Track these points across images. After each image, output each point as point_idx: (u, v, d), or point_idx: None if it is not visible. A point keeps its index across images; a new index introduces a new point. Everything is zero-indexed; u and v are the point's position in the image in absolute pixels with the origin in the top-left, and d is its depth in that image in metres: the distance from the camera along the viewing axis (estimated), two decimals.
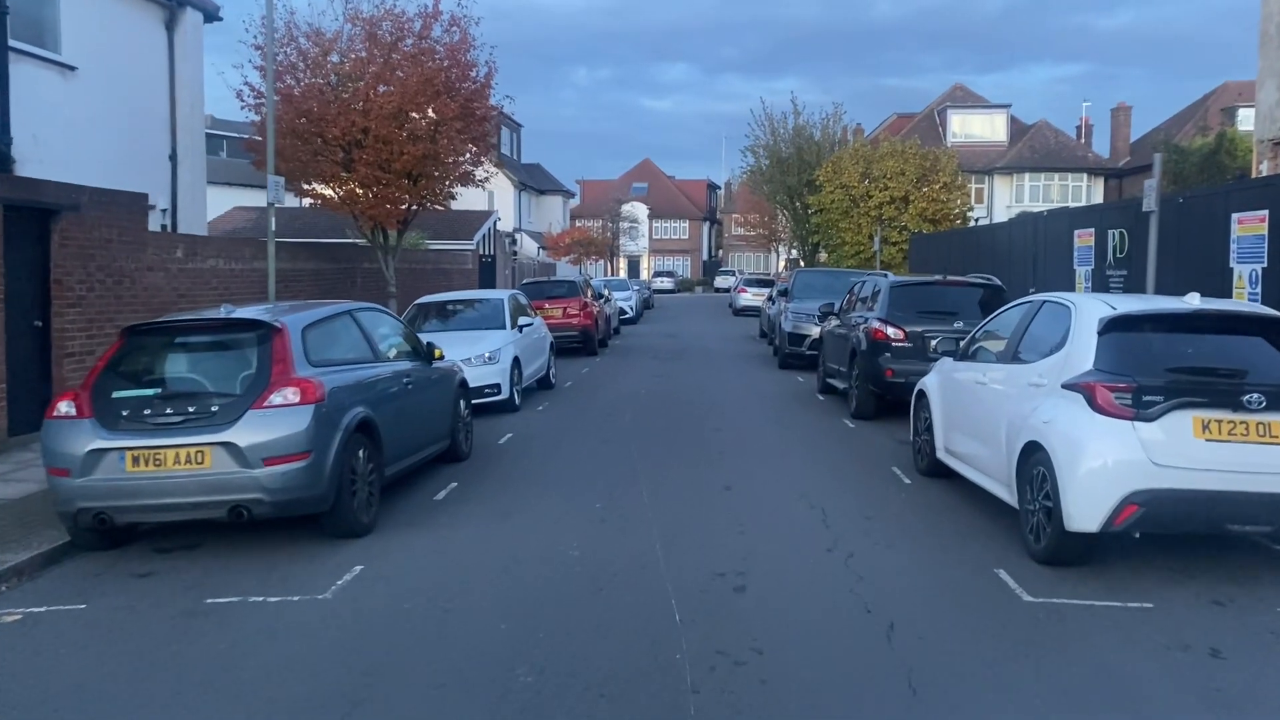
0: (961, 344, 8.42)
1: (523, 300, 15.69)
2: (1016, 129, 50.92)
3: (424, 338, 13.52)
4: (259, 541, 6.93)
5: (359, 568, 6.26)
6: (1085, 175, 48.27)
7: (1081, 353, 6.35)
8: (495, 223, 36.34)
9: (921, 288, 12.28)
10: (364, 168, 15.71)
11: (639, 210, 73.92)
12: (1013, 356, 7.29)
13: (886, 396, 11.98)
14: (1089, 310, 6.56)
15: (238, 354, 6.85)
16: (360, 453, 7.07)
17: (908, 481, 8.65)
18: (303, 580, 6.05)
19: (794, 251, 51.71)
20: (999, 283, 12.36)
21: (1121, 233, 15.38)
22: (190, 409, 6.41)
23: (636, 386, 15.83)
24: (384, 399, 7.64)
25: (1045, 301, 7.30)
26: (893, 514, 7.48)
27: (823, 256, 41.76)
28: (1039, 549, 6.25)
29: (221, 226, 35.23)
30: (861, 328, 12.28)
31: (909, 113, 54.59)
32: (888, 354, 11.63)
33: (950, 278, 12.41)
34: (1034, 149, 48.91)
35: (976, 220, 39.85)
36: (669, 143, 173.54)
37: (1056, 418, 6.21)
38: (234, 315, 7.04)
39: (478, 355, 12.62)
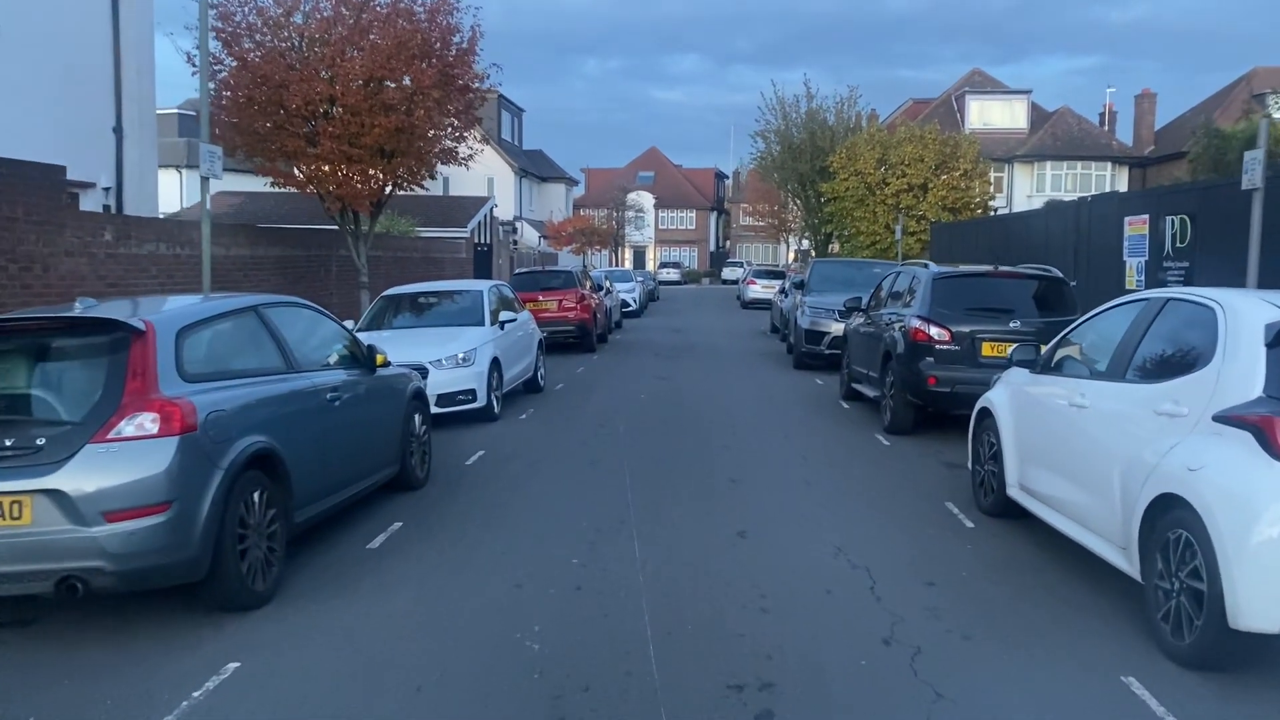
0: (1043, 351, 6.60)
1: (507, 292, 13.90)
2: (1037, 116, 48.82)
3: (389, 335, 11.85)
4: (118, 613, 5.17)
5: (233, 665, 4.49)
6: (1109, 164, 46.20)
7: (1242, 372, 4.55)
8: (492, 209, 34.54)
9: (969, 280, 10.46)
10: (329, 141, 13.91)
11: (645, 199, 71.96)
12: (1124, 372, 5.49)
13: (928, 408, 10.20)
14: (1246, 313, 4.75)
15: (83, 366, 5.08)
16: (255, 497, 5.30)
17: (969, 525, 6.86)
18: (147, 688, 4.28)
19: (805, 242, 49.78)
20: (1059, 274, 10.53)
21: (1183, 219, 13.59)
22: (7, 442, 4.64)
23: (636, 390, 14.05)
24: (296, 421, 5.88)
25: (1170, 300, 5.47)
26: (961, 578, 5.68)
27: (835, 247, 39.89)
28: (1182, 647, 4.46)
29: None
30: (898, 327, 10.47)
31: (925, 98, 52.53)
32: (930, 358, 9.83)
33: (1003, 268, 10.58)
34: (1056, 136, 46.84)
35: (996, 210, 37.94)
36: (678, 134, 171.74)
37: (1209, 463, 4.41)
38: (86, 314, 5.26)
39: (449, 356, 10.85)
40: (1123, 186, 44.10)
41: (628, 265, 60.68)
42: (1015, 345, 6.66)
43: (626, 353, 20.19)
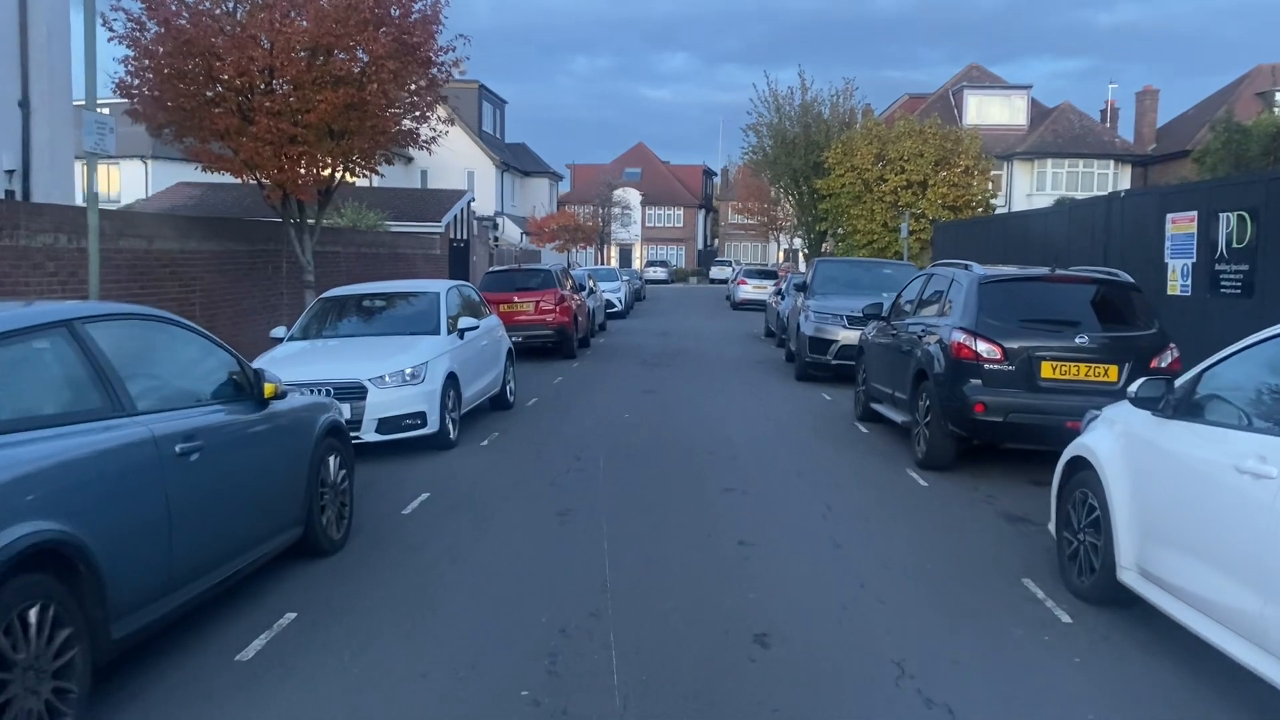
0: (1177, 384, 4.81)
1: (471, 295, 12.03)
2: (1037, 112, 47.22)
3: (325, 345, 9.98)
4: None
5: None
6: (1112, 161, 44.63)
7: None
8: (469, 203, 32.65)
9: (1022, 285, 8.68)
10: (267, 119, 12.01)
11: (631, 196, 70.05)
12: None
13: (973, 440, 8.43)
14: None
15: None
16: (31, 615, 3.45)
17: (1066, 619, 5.06)
18: None
19: (797, 241, 48.07)
20: (1128, 278, 8.79)
21: (1241, 215, 11.92)
22: None
23: (618, 407, 12.23)
24: (120, 490, 4.03)
25: None
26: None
27: (828, 246, 38.20)
28: None
29: (160, 203, 31.52)
30: (934, 341, 8.70)
31: (921, 93, 50.88)
32: (976, 380, 8.05)
33: (1062, 271, 8.80)
34: (1057, 133, 45.23)
35: (995, 209, 36.29)
36: (666, 131, 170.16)
37: None
38: None
39: (394, 372, 9.00)
40: (1125, 185, 42.59)
41: (614, 263, 58.88)
42: (1143, 381, 4.88)
43: (610, 359, 18.38)
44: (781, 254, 66.21)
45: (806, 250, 41.47)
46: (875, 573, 5.74)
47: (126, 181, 43.54)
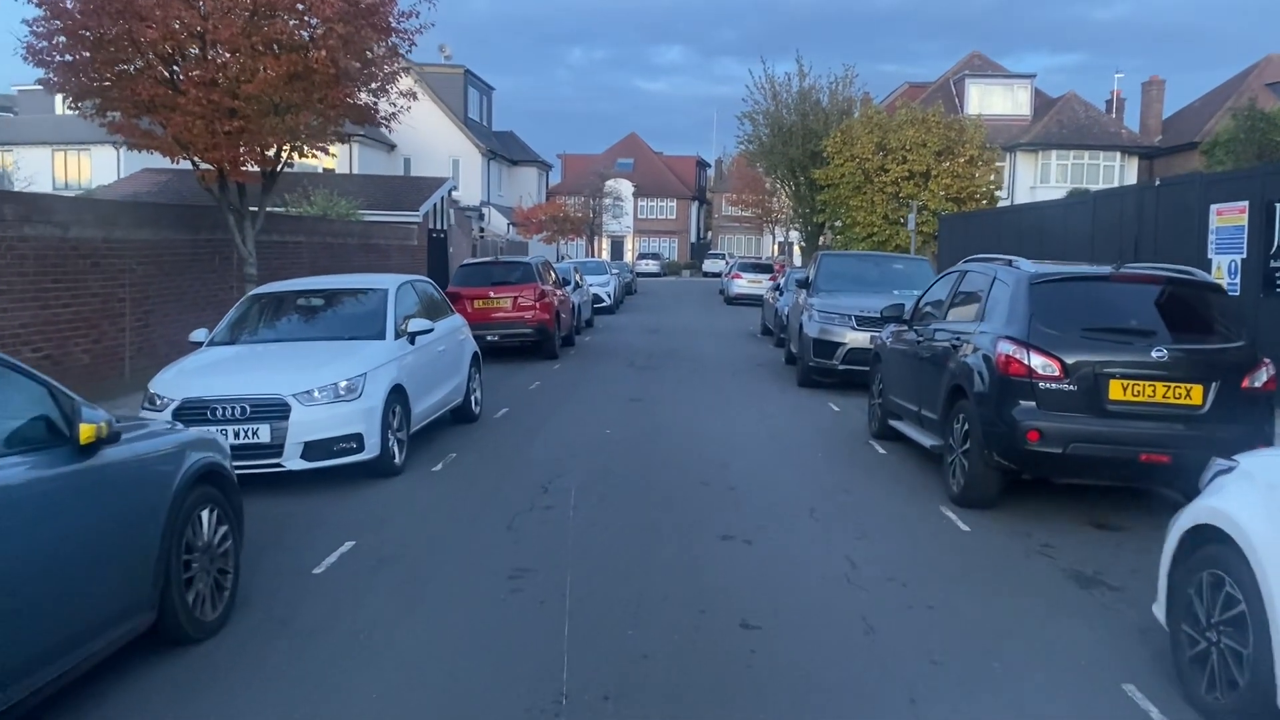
0: None
1: (430, 292, 10.46)
2: (1041, 102, 45.75)
3: (244, 351, 8.43)
4: None
5: None
6: (1118, 154, 43.18)
7: None
8: (450, 191, 31.01)
9: (1081, 285, 7.18)
10: (195, 89, 10.47)
11: (623, 187, 68.33)
12: None
13: (1023, 474, 6.97)
14: None
15: None
16: None
17: None
18: None
19: (794, 233, 46.57)
20: (1208, 277, 7.33)
21: None
22: None
23: (599, 420, 10.73)
24: None
25: None
26: None
27: (825, 239, 36.76)
28: None
29: (123, 190, 29.86)
30: (972, 351, 7.23)
31: (922, 82, 49.34)
32: (1029, 402, 6.58)
33: (1127, 270, 7.32)
34: (1062, 124, 43.74)
35: (998, 201, 34.85)
36: (661, 124, 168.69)
37: None
38: None
39: (324, 385, 7.48)
40: (1132, 178, 41.18)
41: (605, 256, 57.36)
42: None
43: (595, 360, 16.89)
44: (776, 247, 64.72)
45: (803, 243, 40.02)
46: (926, 677, 4.26)
47: (98, 168, 41.86)
